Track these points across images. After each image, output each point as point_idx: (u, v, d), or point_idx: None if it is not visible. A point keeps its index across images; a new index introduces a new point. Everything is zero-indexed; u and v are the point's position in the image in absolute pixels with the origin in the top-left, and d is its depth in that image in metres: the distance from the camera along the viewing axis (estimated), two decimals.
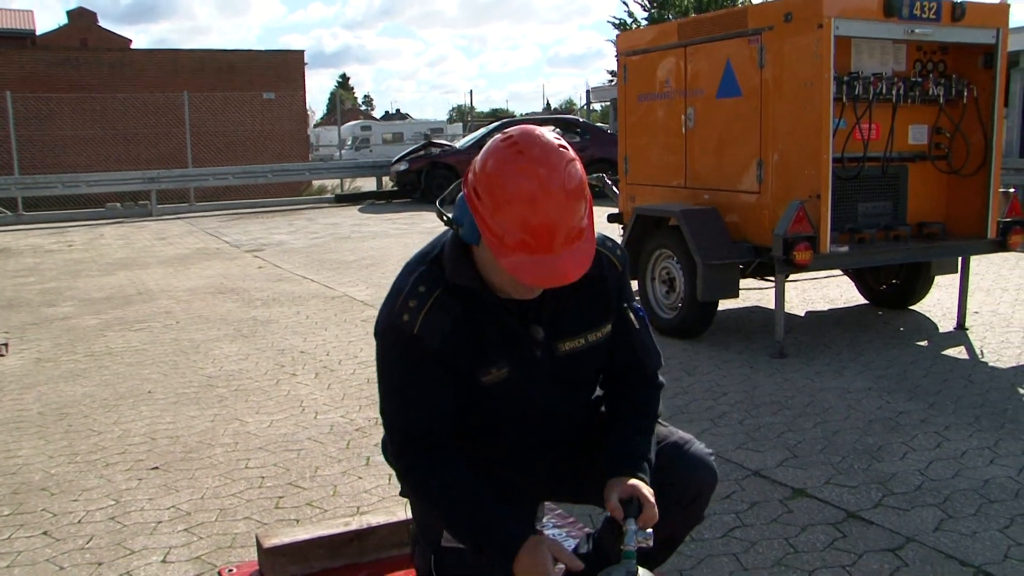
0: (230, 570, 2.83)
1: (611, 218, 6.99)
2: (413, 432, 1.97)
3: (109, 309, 7.54)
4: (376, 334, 2.03)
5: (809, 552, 2.85)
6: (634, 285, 5.70)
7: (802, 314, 6.66)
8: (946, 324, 6.13)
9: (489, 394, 2.02)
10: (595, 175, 6.73)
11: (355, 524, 2.85)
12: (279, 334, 6.36)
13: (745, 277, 5.86)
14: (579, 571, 1.87)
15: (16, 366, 5.65)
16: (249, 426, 4.34)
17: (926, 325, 6.18)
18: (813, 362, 5.26)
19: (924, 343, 5.67)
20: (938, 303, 6.68)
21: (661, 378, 2.20)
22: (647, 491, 1.91)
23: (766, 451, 3.78)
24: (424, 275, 1.98)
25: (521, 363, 2.03)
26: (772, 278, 5.66)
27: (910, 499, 3.23)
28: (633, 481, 1.93)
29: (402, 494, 2.29)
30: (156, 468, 3.79)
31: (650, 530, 1.86)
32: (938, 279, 6.53)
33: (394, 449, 2.03)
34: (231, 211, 17.22)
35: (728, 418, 4.29)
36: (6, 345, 6.14)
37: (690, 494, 2.11)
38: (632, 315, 2.16)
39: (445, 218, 1.97)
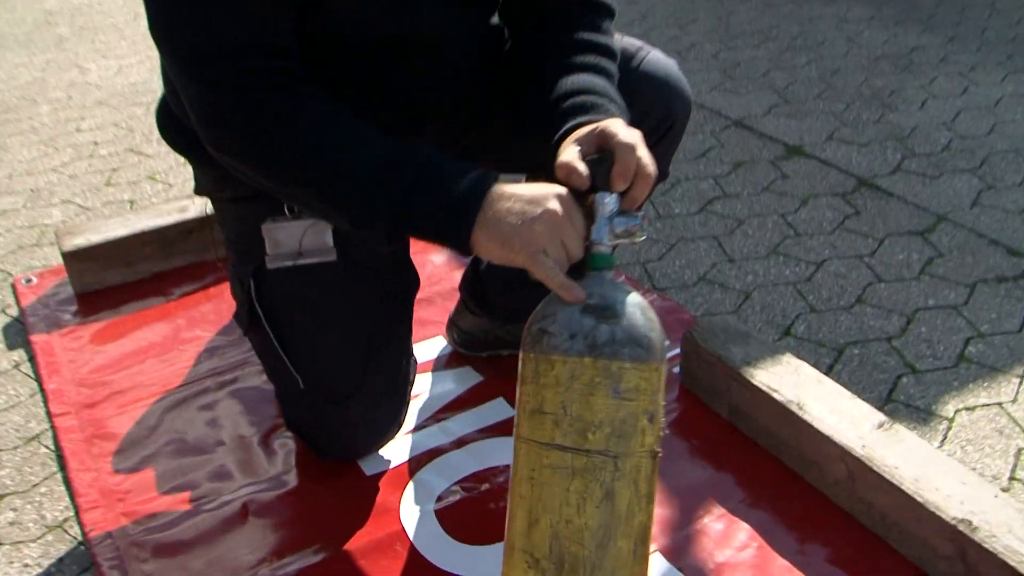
0: (28, 280, 2.05)
1: None
2: (240, 54, 1.06)
3: None
4: None
5: (813, 235, 2.14)
6: None
7: None
8: None
9: (338, 8, 1.14)
10: None
11: (194, 210, 2.06)
12: None
13: None
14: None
15: None
16: (90, 75, 3.35)
17: None
18: None
19: None
20: None
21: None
22: (627, 133, 1.04)
23: (749, 94, 2.98)
24: None
25: None
26: None
27: (937, 162, 2.50)
28: (603, 124, 1.07)
29: (201, 192, 1.45)
30: None
31: (640, 213, 1.04)
32: None
33: (206, 91, 1.08)
34: None
35: (699, 51, 3.41)
36: None
37: (658, 128, 1.34)
38: None
39: None
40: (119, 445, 1.56)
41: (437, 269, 1.99)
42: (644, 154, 1.04)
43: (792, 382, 1.46)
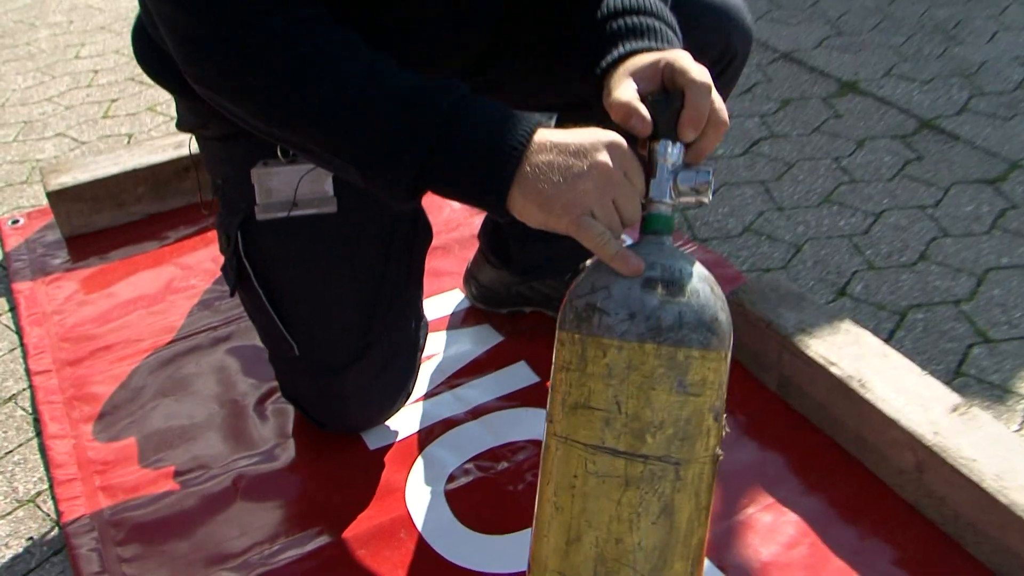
0: (14, 221, 1.90)
1: None
2: None
3: None
4: None
5: (870, 182, 1.94)
6: None
7: None
8: None
9: None
10: None
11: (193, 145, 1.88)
12: None
13: None
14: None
15: None
16: None
17: None
18: None
19: None
20: None
21: None
22: (700, 70, 0.84)
23: (799, 24, 2.73)
24: None
25: None
26: None
27: (1009, 102, 2.26)
28: (668, 55, 0.87)
29: (183, 127, 1.26)
30: None
31: (710, 167, 0.85)
32: None
33: (184, 11, 0.89)
34: None
35: None
36: None
37: (717, 63, 1.15)
38: None
39: None
40: (101, 408, 1.42)
41: (455, 214, 1.82)
42: (718, 97, 0.85)
43: (853, 354, 1.29)
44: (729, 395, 1.36)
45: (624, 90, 0.85)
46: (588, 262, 1.21)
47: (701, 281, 0.81)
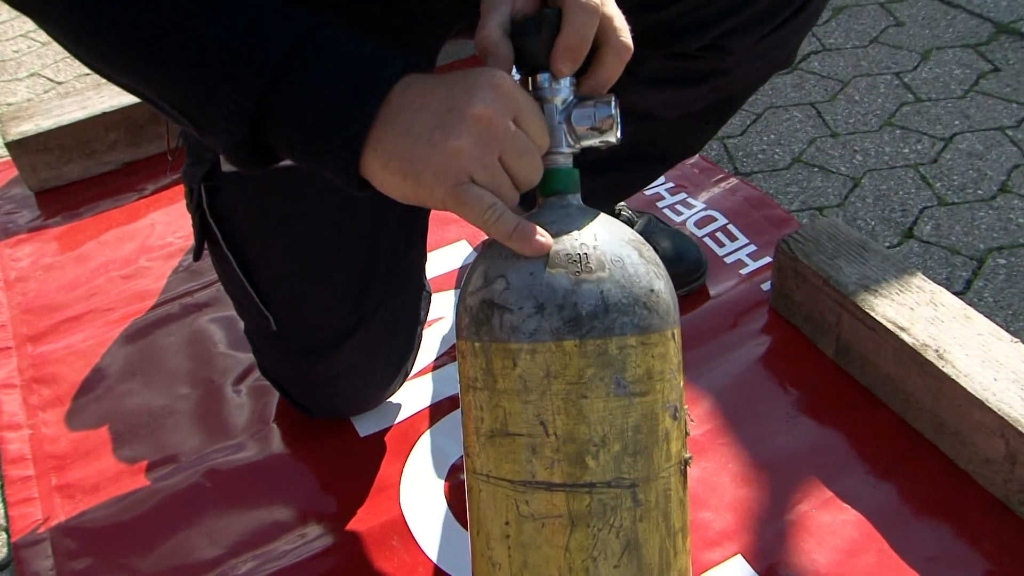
0: None
1: None
2: None
3: None
4: None
5: (939, 101, 1.69)
6: None
7: None
8: None
9: None
10: None
11: None
12: None
13: None
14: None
15: None
16: None
17: None
18: None
19: None
20: None
21: None
22: None
23: None
24: None
25: None
26: None
27: None
28: None
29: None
30: None
31: (609, 100, 0.65)
32: None
33: None
34: None
35: None
36: None
37: (789, 3, 0.93)
38: None
39: None
40: (62, 391, 1.26)
41: None
42: (617, 13, 0.65)
43: (928, 316, 1.07)
44: (776, 362, 1.18)
45: (490, 15, 0.64)
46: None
47: (624, 245, 0.62)
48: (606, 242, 0.62)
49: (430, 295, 1.17)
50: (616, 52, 0.64)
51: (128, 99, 1.65)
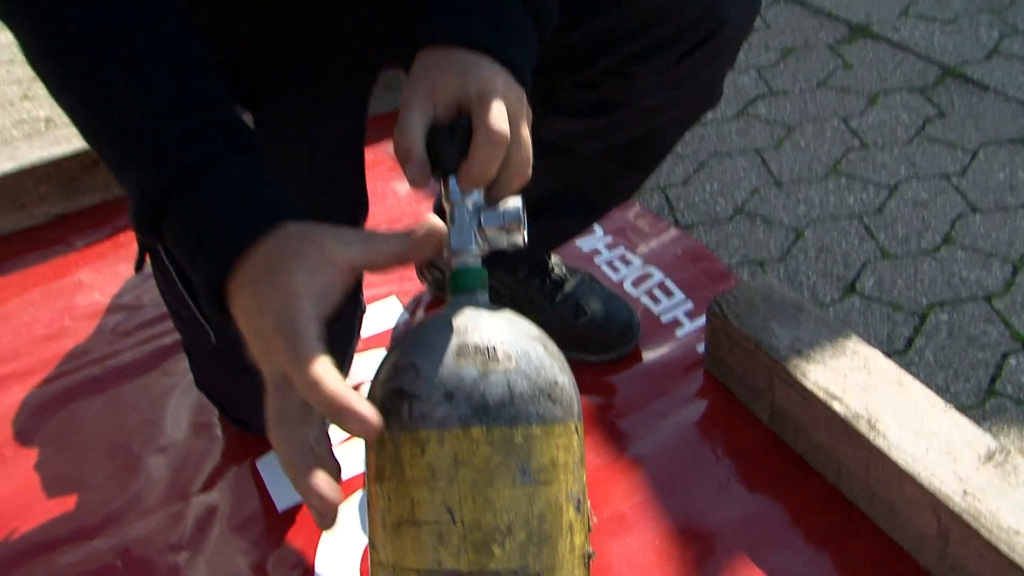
0: None
1: None
2: None
3: None
4: None
5: (884, 147, 1.67)
6: None
7: None
8: None
9: None
10: None
11: None
12: None
13: None
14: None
15: None
16: None
17: None
18: None
19: None
20: None
21: None
22: (496, 109, 0.65)
23: None
24: None
25: None
26: None
27: None
28: (469, 73, 0.67)
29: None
30: None
31: (515, 202, 0.67)
32: None
33: None
34: None
35: None
36: None
37: (695, 30, 0.90)
38: None
39: None
40: None
41: (399, 201, 1.57)
42: (524, 138, 0.67)
43: (861, 382, 1.05)
44: (709, 427, 1.15)
45: (410, 116, 0.66)
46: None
47: (530, 340, 0.65)
48: (512, 336, 0.64)
49: (364, 311, 1.14)
50: (514, 177, 0.67)
51: (60, 149, 1.61)
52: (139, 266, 1.03)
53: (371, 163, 1.11)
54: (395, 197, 1.58)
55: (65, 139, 1.63)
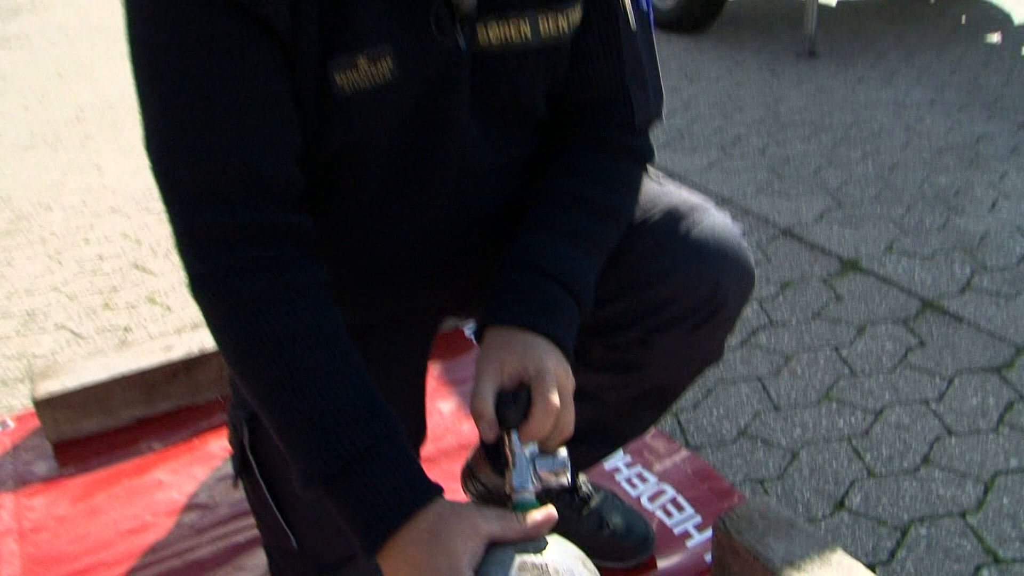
0: (2, 424, 1.90)
1: None
2: (223, 189, 0.88)
3: None
4: None
5: (871, 374, 1.89)
6: None
7: (833, 3, 5.37)
8: (1022, 11, 4.86)
9: (350, 117, 0.92)
10: None
11: (181, 349, 1.89)
12: None
13: None
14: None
15: None
16: (107, 176, 3.26)
17: (994, 14, 4.91)
18: (852, 65, 4.09)
19: (996, 38, 4.44)
20: None
21: (651, 139, 1.12)
22: (549, 385, 0.90)
23: (799, 196, 2.75)
24: None
25: (418, 51, 0.92)
26: None
27: (1012, 278, 2.23)
28: (530, 356, 0.92)
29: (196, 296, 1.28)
30: None
31: (562, 452, 0.91)
32: None
33: (185, 230, 0.91)
34: None
35: (745, 145, 3.21)
36: None
37: (701, 310, 1.11)
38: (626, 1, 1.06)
39: None
40: None
41: (443, 420, 1.79)
42: (568, 409, 0.92)
43: None
44: None
45: (483, 384, 0.91)
46: None
47: (573, 559, 0.84)
48: (560, 556, 0.84)
49: None
50: (560, 435, 0.91)
51: (144, 362, 1.85)
52: (236, 482, 1.23)
53: None
54: (440, 416, 1.80)
55: (148, 352, 1.88)
